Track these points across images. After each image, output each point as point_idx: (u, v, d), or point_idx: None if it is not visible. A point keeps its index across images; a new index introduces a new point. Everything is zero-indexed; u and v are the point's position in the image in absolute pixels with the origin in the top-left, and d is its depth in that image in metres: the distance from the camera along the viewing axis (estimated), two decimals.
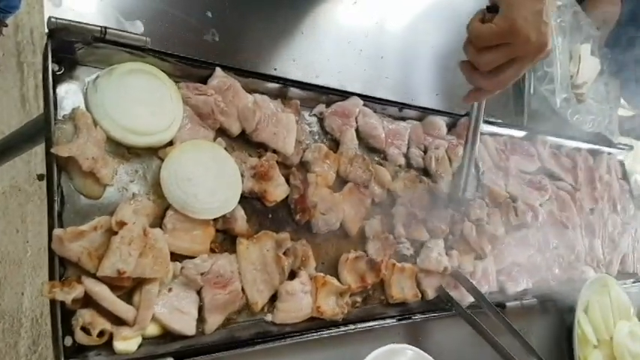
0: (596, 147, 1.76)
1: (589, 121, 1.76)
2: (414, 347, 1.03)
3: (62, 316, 0.67)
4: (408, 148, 1.19)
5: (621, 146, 1.84)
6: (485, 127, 1.37)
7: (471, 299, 1.16)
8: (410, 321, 1.06)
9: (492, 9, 0.89)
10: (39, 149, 1.63)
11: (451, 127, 1.30)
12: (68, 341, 0.68)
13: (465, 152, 1.16)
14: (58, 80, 0.74)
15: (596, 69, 1.80)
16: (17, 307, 1.56)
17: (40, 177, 1.63)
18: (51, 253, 0.68)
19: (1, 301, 1.54)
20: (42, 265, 1.61)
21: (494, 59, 0.89)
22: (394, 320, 1.03)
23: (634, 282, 1.79)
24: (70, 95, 0.76)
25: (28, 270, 1.59)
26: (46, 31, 0.73)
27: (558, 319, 1.46)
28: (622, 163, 1.91)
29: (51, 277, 0.68)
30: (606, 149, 1.80)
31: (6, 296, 1.55)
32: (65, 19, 0.72)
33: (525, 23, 0.85)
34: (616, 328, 1.53)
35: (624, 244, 1.79)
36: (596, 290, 1.54)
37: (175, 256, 0.78)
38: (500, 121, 1.39)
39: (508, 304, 1.26)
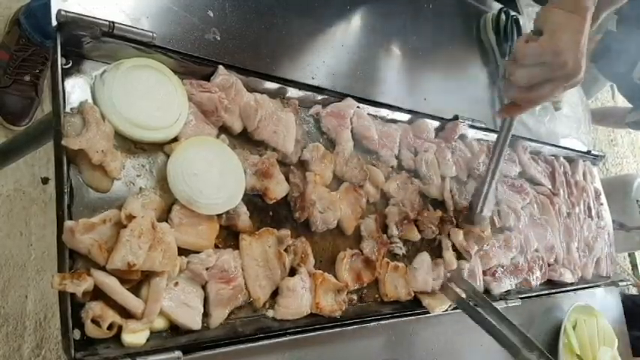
0: (572, 153, 1.82)
1: (565, 128, 1.83)
2: None
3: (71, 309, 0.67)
4: (399, 150, 1.21)
5: (595, 153, 1.91)
6: (470, 132, 1.41)
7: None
8: (403, 319, 1.08)
9: (537, 32, 0.99)
10: (43, 153, 1.62)
11: (439, 131, 1.34)
12: (77, 334, 0.67)
13: (487, 171, 1.24)
14: (65, 74, 0.74)
15: None
16: (21, 311, 1.53)
17: (44, 180, 1.61)
18: (60, 246, 0.68)
19: (4, 305, 1.51)
20: (46, 269, 1.59)
21: (533, 76, 0.98)
22: (388, 318, 1.05)
23: (607, 285, 1.86)
24: (76, 89, 0.76)
25: (32, 273, 1.57)
26: (55, 23, 0.73)
27: (542, 321, 1.51)
28: (595, 170, 1.98)
29: (60, 270, 0.67)
30: (581, 156, 1.87)
31: (9, 299, 1.52)
32: (74, 13, 0.73)
33: (565, 48, 0.94)
34: (600, 352, 1.59)
35: (598, 248, 1.85)
36: (583, 312, 1.61)
37: (181, 251, 0.78)
38: (484, 125, 1.43)
39: (494, 304, 1.29)
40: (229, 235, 0.87)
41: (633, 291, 3.15)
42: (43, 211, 1.63)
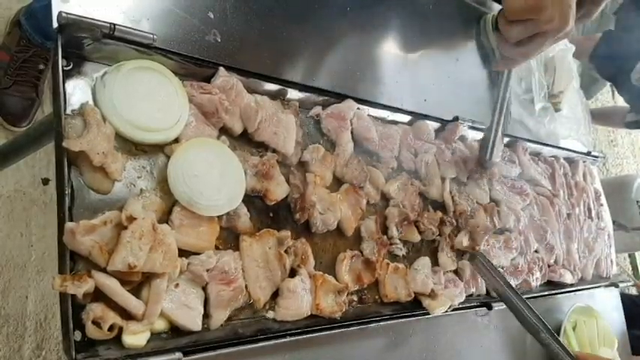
0: (572, 155, 1.82)
1: (565, 129, 1.83)
2: None
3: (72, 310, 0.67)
4: (399, 151, 1.21)
5: (595, 154, 1.92)
6: (471, 133, 1.41)
7: None
8: (403, 320, 1.08)
9: None
10: (43, 154, 1.62)
11: (439, 132, 1.34)
12: (77, 336, 0.67)
13: (492, 117, 1.31)
14: (66, 76, 0.74)
15: (570, 79, 1.87)
16: (21, 311, 1.54)
17: (44, 181, 1.62)
18: (61, 247, 0.68)
19: (5, 305, 1.52)
20: (46, 270, 1.60)
21: (521, 31, 1.04)
22: (388, 319, 1.05)
23: (607, 286, 1.86)
24: (77, 91, 0.76)
25: (32, 274, 1.57)
26: (56, 25, 0.73)
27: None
28: (595, 171, 1.99)
29: (61, 271, 0.67)
30: (581, 157, 1.87)
31: (10, 300, 1.53)
32: (75, 15, 0.73)
33: (551, 3, 0.98)
34: (599, 353, 1.59)
35: (598, 249, 1.85)
36: (583, 313, 1.61)
37: (181, 252, 0.78)
38: (484, 127, 1.43)
39: (493, 304, 1.29)
40: (230, 237, 0.88)
41: (633, 291, 3.15)
42: (44, 212, 1.63)
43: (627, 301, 2.00)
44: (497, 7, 1.61)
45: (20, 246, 1.57)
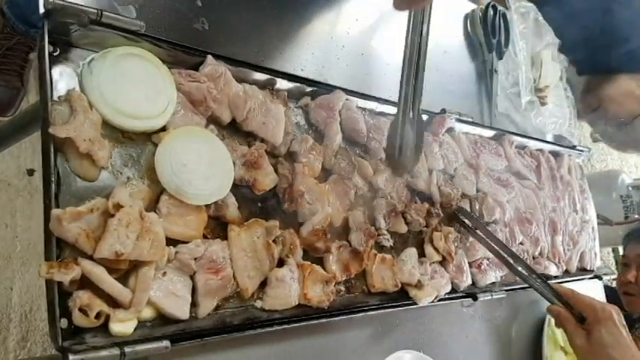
0: (558, 148, 1.84)
1: (551, 123, 1.84)
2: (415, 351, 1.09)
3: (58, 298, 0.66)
4: None
5: (580, 148, 1.93)
6: (457, 126, 1.42)
7: None
8: (389, 310, 1.09)
9: None
10: (28, 144, 1.60)
11: (426, 125, 1.34)
12: (64, 323, 0.67)
13: (400, 94, 1.00)
14: (52, 62, 0.73)
15: (556, 74, 1.89)
16: (6, 303, 1.53)
17: (29, 172, 1.61)
18: (48, 234, 0.67)
19: None
20: (31, 261, 1.58)
21: None
22: (375, 309, 1.06)
23: (591, 278, 1.88)
24: (64, 77, 0.75)
25: (17, 265, 1.56)
26: (42, 10, 0.72)
27: (527, 314, 1.53)
28: (580, 165, 2.00)
29: (47, 259, 0.67)
30: (567, 151, 1.88)
31: None
32: (62, 0, 0.72)
33: None
34: None
35: (583, 242, 1.87)
36: None
37: (169, 241, 0.78)
38: (471, 119, 1.44)
39: (479, 295, 1.31)
40: (218, 226, 0.87)
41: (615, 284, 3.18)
42: (29, 203, 1.61)
43: (609, 293, 2.03)
44: (485, 0, 1.62)
45: (5, 237, 1.56)
